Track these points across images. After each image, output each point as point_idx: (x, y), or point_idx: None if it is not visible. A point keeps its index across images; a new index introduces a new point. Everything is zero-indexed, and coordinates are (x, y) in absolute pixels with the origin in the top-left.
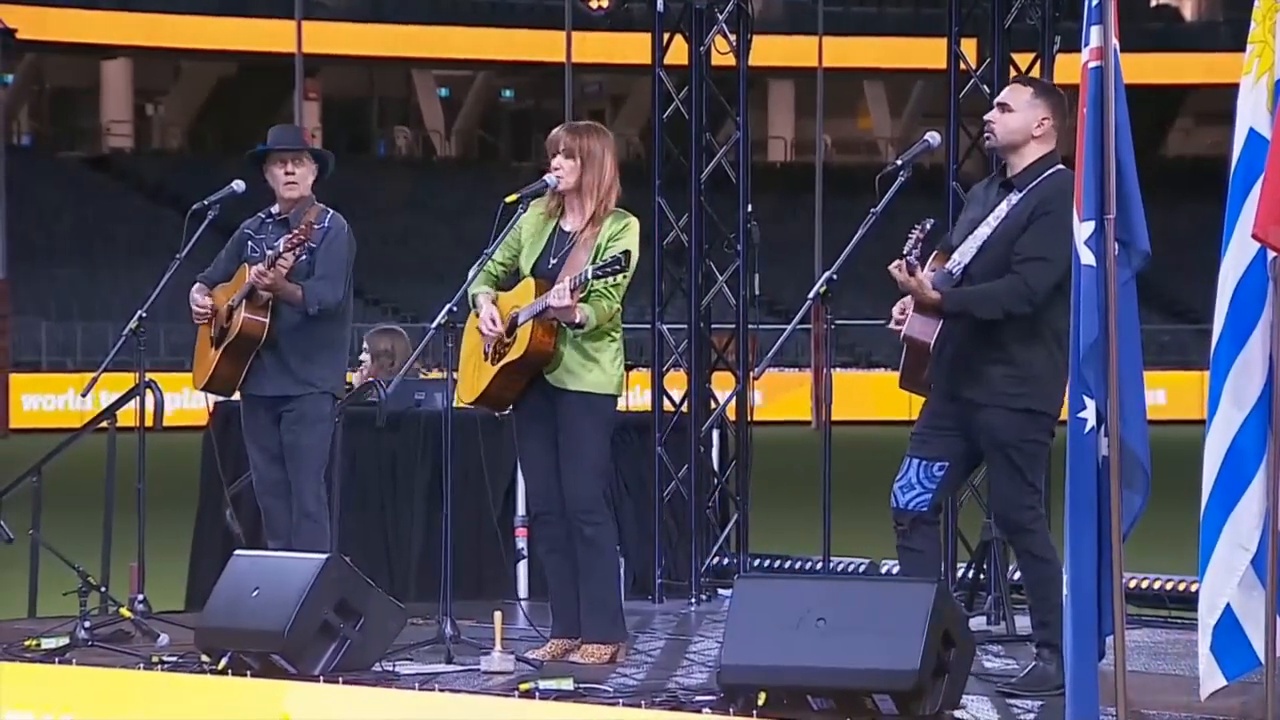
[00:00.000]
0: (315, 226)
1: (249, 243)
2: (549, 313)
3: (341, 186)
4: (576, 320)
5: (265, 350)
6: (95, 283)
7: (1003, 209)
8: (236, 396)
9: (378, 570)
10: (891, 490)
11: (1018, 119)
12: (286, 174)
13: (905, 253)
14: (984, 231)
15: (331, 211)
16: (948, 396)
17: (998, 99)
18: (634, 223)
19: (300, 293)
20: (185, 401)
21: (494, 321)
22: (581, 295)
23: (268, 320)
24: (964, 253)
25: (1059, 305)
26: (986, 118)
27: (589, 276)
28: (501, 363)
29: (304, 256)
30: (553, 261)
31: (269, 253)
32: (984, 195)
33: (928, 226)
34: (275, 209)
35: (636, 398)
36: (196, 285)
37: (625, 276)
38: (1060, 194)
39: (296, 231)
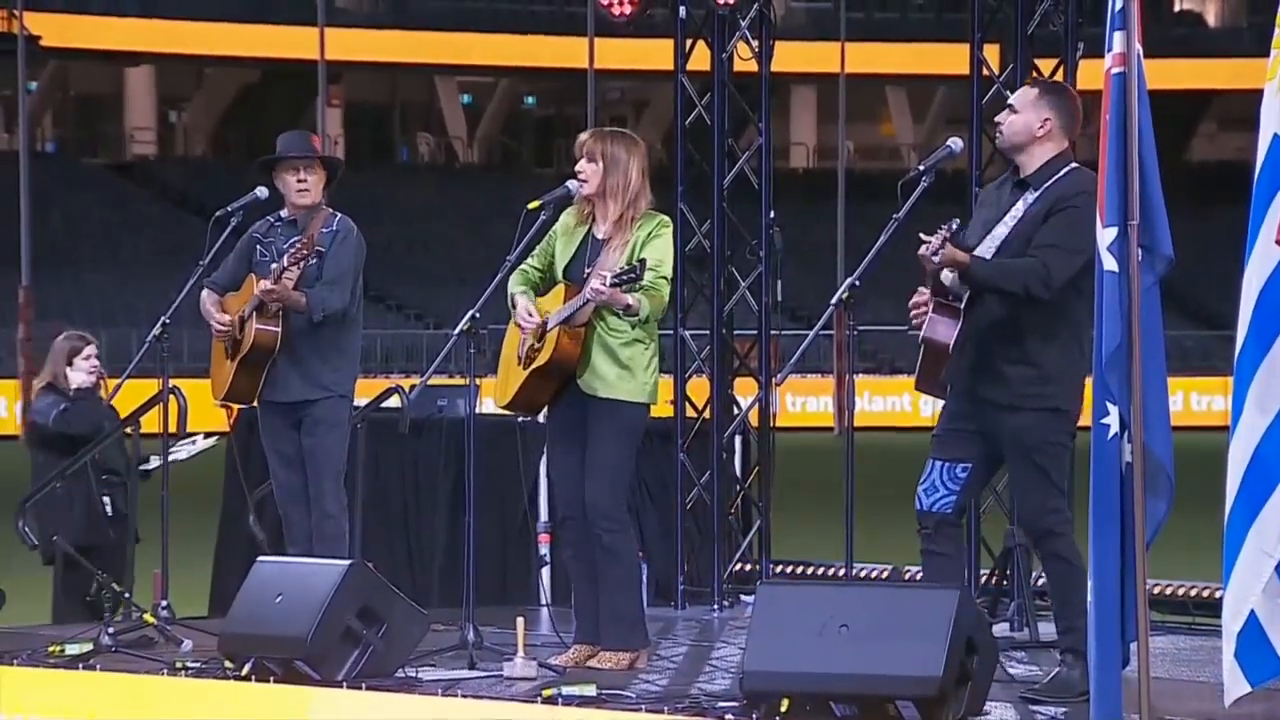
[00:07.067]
0: (323, 230)
1: (258, 247)
2: (587, 308)
3: (364, 192)
4: (628, 303)
5: (281, 356)
6: (119, 289)
7: (1019, 208)
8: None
9: (401, 576)
10: (916, 493)
11: (1020, 120)
12: (299, 181)
13: (931, 253)
14: (1001, 231)
15: (340, 215)
16: (968, 397)
17: (1009, 101)
18: (665, 220)
19: (305, 300)
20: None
21: (530, 314)
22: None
23: (280, 329)
24: (982, 252)
25: (1075, 303)
26: (997, 119)
27: (609, 283)
28: (531, 368)
29: (313, 260)
30: (587, 270)
31: (274, 267)
32: (996, 196)
33: (953, 227)
34: (284, 213)
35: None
36: (207, 293)
37: (664, 278)
38: (1080, 190)
39: (300, 245)
